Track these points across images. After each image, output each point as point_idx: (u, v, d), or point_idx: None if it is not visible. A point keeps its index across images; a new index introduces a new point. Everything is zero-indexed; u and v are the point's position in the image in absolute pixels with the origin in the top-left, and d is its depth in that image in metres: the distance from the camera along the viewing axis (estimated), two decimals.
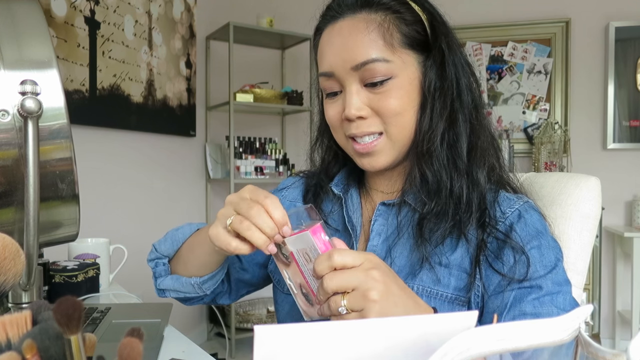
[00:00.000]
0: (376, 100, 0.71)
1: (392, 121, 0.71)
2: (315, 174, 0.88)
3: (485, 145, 0.74)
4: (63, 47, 2.10)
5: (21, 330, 0.36)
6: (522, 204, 0.73)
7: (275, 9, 3.29)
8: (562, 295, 0.66)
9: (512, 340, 0.30)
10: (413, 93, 0.72)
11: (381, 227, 0.77)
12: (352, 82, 0.72)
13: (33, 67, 0.62)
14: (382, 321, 0.35)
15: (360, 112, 0.71)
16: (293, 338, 0.33)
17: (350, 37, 0.71)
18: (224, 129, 3.14)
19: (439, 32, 0.74)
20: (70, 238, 0.72)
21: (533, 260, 0.67)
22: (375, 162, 0.74)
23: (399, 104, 0.71)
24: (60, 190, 0.64)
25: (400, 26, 0.72)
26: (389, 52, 0.70)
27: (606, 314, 3.15)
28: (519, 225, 0.70)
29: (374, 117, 0.72)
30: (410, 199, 0.74)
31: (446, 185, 0.71)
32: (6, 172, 0.60)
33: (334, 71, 0.72)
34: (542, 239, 0.69)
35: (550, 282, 0.66)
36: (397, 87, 0.71)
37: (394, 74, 0.70)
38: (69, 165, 0.64)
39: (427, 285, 0.70)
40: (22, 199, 0.60)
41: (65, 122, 0.63)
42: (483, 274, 0.69)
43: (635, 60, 3.10)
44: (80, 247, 1.28)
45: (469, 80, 0.75)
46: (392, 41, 0.71)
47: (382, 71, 0.70)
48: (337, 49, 0.72)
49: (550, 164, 3.12)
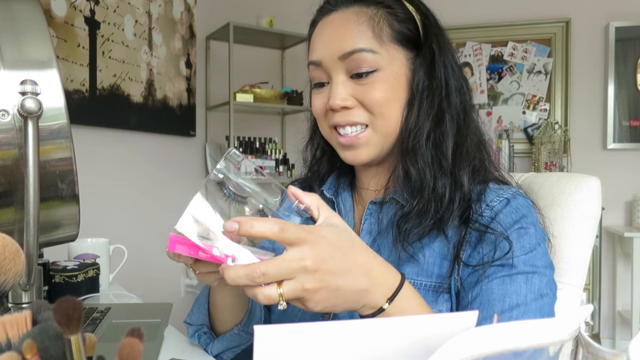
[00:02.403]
0: (361, 92, 0.72)
1: (377, 113, 0.72)
2: (307, 180, 0.88)
3: (472, 148, 0.74)
4: (63, 47, 2.10)
5: (21, 330, 0.36)
6: (512, 192, 0.72)
7: (275, 9, 3.29)
8: (539, 277, 0.65)
9: (512, 340, 0.30)
10: (399, 88, 0.73)
11: (371, 226, 0.77)
12: (339, 73, 0.73)
13: (33, 67, 0.62)
14: (382, 321, 0.35)
15: (345, 102, 0.72)
16: (293, 338, 0.33)
17: (340, 28, 0.73)
18: (224, 129, 3.14)
19: (431, 32, 0.75)
20: (70, 238, 0.72)
21: (512, 242, 0.67)
22: (359, 155, 0.75)
23: (383, 96, 0.71)
24: (60, 190, 0.64)
25: (392, 22, 0.73)
26: (377, 44, 0.71)
27: (606, 314, 3.15)
28: (504, 211, 0.70)
29: (359, 108, 0.73)
30: (398, 196, 0.74)
31: (429, 184, 0.71)
32: (6, 172, 0.60)
33: (322, 60, 0.74)
34: (524, 222, 0.69)
35: (524, 262, 0.66)
36: (383, 79, 0.71)
37: (380, 67, 0.71)
38: (69, 165, 0.64)
39: (411, 277, 0.70)
40: (22, 199, 0.60)
41: (65, 122, 0.63)
42: (461, 268, 0.69)
43: (635, 60, 3.10)
44: (80, 247, 1.28)
45: (458, 82, 0.76)
46: (382, 34, 0.72)
47: (368, 62, 0.71)
48: (326, 39, 0.74)
49: (550, 164, 3.12)
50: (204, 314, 0.81)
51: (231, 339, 0.79)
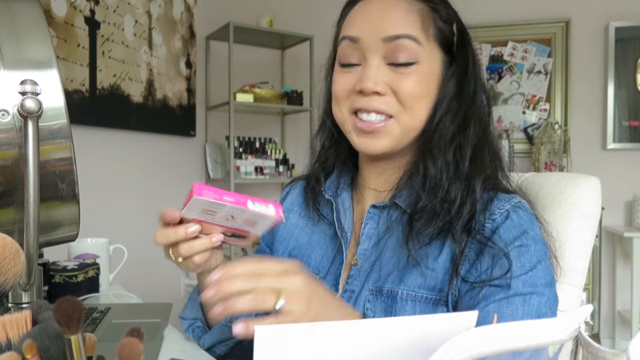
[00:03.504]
0: (396, 80, 0.70)
1: (407, 106, 0.70)
2: (310, 177, 0.87)
3: (487, 159, 0.74)
4: (63, 47, 2.10)
5: (21, 330, 0.36)
6: (513, 205, 0.71)
7: (275, 9, 3.29)
8: (537, 297, 0.64)
9: (512, 340, 0.30)
10: (432, 86, 0.72)
11: (372, 231, 0.76)
12: (376, 55, 0.70)
13: (33, 67, 0.62)
14: (382, 321, 0.35)
15: (377, 86, 0.69)
16: (293, 338, 0.33)
17: (391, 10, 0.70)
18: (224, 129, 3.14)
19: (467, 42, 0.75)
20: (70, 238, 0.72)
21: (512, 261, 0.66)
22: (377, 144, 0.72)
23: (418, 89, 0.70)
24: (60, 190, 0.64)
25: (437, 20, 0.72)
26: (424, 37, 0.70)
27: (606, 314, 3.15)
28: (503, 226, 0.68)
29: (390, 96, 0.70)
30: (401, 201, 0.73)
31: (444, 186, 0.70)
32: (6, 172, 0.60)
33: (361, 38, 0.71)
34: (525, 239, 0.67)
35: (522, 282, 0.64)
36: (420, 72, 0.70)
37: (420, 60, 0.70)
38: (69, 165, 0.64)
39: (412, 289, 0.69)
40: (22, 199, 0.60)
41: (65, 122, 0.63)
42: (459, 281, 0.68)
43: (635, 60, 3.10)
44: (80, 247, 1.28)
45: (485, 98, 0.76)
46: (429, 29, 0.71)
47: (411, 51, 0.69)
48: (372, 18, 0.71)
49: (550, 164, 3.12)
50: (197, 308, 0.82)
51: (221, 332, 0.78)
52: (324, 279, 0.77)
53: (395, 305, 0.69)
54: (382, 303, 0.70)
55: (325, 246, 0.80)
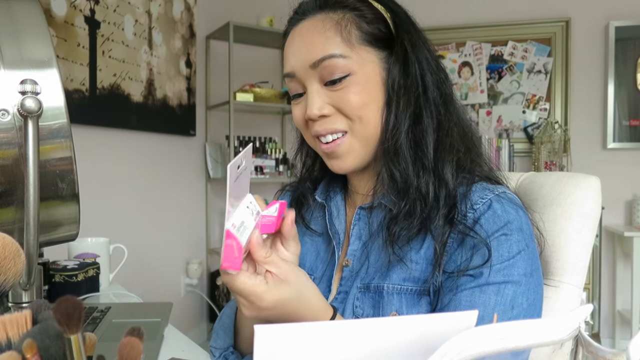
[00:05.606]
0: (336, 98, 0.71)
1: (355, 118, 0.71)
2: (300, 184, 0.87)
3: (454, 141, 0.73)
4: (63, 47, 2.10)
5: (21, 330, 0.36)
6: (496, 194, 0.70)
7: (275, 9, 3.28)
8: (513, 287, 0.63)
9: (512, 339, 0.30)
10: (374, 90, 0.72)
11: (360, 231, 0.77)
12: (313, 82, 0.72)
13: (33, 67, 0.62)
14: (382, 321, 0.35)
15: (322, 110, 0.72)
16: (293, 338, 0.33)
17: (308, 37, 0.72)
18: (224, 128, 3.14)
19: (402, 30, 0.73)
20: (70, 237, 0.72)
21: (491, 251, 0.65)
22: (343, 164, 0.74)
23: (359, 99, 0.70)
24: (60, 189, 0.64)
25: (360, 24, 0.72)
26: (347, 48, 0.70)
27: (606, 314, 3.15)
28: (485, 216, 0.68)
29: (337, 115, 0.72)
30: (385, 200, 0.74)
31: (413, 183, 0.70)
32: (6, 172, 0.60)
33: (295, 71, 0.73)
34: (506, 229, 0.66)
35: (497, 271, 0.64)
36: (356, 83, 0.71)
37: (352, 71, 0.70)
38: (69, 164, 0.64)
39: (398, 283, 0.69)
40: (22, 199, 0.60)
41: (65, 122, 0.63)
42: (441, 271, 0.68)
43: (635, 59, 3.10)
44: (80, 247, 1.28)
45: (436, 76, 0.74)
46: (350, 38, 0.71)
47: (340, 67, 0.70)
48: (296, 50, 0.73)
49: (550, 163, 3.12)
50: (230, 336, 0.80)
51: None
52: (318, 282, 0.78)
53: (382, 300, 0.69)
54: (369, 299, 0.71)
55: (319, 250, 0.82)
